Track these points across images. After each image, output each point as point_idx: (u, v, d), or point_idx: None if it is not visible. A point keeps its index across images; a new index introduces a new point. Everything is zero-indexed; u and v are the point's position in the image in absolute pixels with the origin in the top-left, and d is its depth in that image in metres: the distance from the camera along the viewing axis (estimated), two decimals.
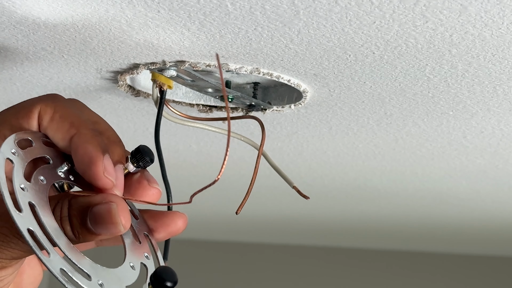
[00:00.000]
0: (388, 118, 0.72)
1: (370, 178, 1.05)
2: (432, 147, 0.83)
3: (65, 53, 0.57)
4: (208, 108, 0.68)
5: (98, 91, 0.67)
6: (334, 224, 1.66)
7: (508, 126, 0.73)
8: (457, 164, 0.91)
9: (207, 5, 0.47)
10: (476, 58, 0.54)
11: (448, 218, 1.42)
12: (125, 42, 0.54)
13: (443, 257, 2.21)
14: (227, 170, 1.12)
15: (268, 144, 0.85)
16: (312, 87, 0.63)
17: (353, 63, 0.57)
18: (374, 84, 0.62)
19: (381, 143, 0.83)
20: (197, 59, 0.57)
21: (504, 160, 0.88)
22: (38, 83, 0.66)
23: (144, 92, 0.65)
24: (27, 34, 0.53)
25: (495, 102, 0.65)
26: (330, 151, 0.88)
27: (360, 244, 2.17)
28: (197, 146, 0.89)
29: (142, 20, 0.50)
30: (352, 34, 0.50)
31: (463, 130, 0.75)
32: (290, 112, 0.70)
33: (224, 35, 0.52)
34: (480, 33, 0.49)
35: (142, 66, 0.59)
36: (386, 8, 0.46)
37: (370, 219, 1.52)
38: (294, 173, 1.01)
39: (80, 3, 0.47)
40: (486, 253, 2.12)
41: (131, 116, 0.76)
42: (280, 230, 1.92)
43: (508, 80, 0.59)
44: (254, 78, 0.64)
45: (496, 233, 1.60)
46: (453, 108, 0.67)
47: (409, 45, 0.52)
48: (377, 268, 2.28)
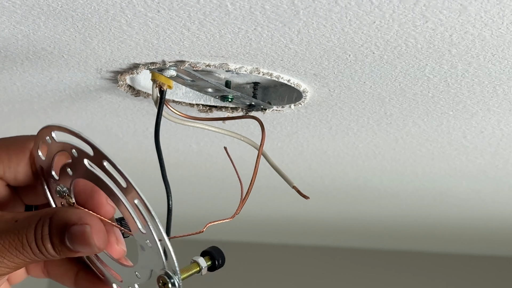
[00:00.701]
0: (388, 118, 0.72)
1: (370, 178, 1.05)
2: (432, 147, 0.83)
3: (65, 53, 0.57)
4: (208, 108, 0.68)
5: (98, 91, 0.67)
6: (334, 224, 1.66)
7: (508, 126, 0.73)
8: (457, 164, 0.91)
9: (207, 5, 0.47)
10: (476, 58, 0.54)
11: (448, 218, 1.42)
12: (125, 42, 0.54)
13: (443, 257, 2.21)
14: (226, 170, 1.13)
15: (268, 144, 0.85)
16: (312, 87, 0.63)
17: (353, 63, 0.57)
18: (374, 84, 0.62)
19: (381, 143, 0.83)
20: (197, 59, 0.57)
21: (504, 160, 0.88)
22: (38, 83, 0.66)
23: (144, 92, 0.65)
24: (27, 34, 0.53)
25: (495, 102, 0.65)
26: (330, 151, 0.88)
27: (360, 244, 2.17)
28: (197, 146, 0.89)
29: (142, 20, 0.50)
30: (352, 34, 0.50)
31: (463, 130, 0.75)
32: (290, 112, 0.70)
33: (224, 35, 0.52)
34: (480, 33, 0.49)
35: (142, 66, 0.59)
36: (386, 8, 0.46)
37: (370, 219, 1.52)
38: (294, 173, 1.01)
39: (80, 3, 0.47)
40: (486, 253, 2.12)
41: (131, 116, 0.76)
42: (279, 230, 1.92)
43: (508, 80, 0.59)
44: (254, 78, 0.64)
45: (496, 233, 1.60)
46: (453, 108, 0.67)
47: (409, 45, 0.52)
48: (377, 268, 2.28)
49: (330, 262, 2.31)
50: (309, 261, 2.32)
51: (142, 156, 0.93)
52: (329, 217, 1.54)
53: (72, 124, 0.81)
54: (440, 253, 2.20)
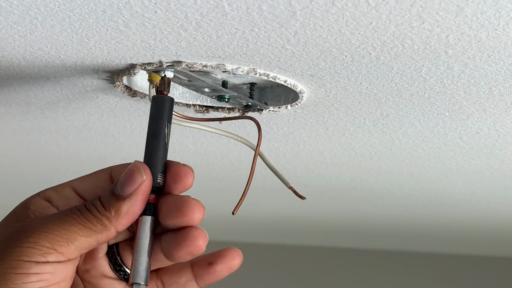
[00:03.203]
0: (384, 118, 0.72)
1: (366, 179, 1.05)
2: (428, 147, 0.83)
3: (62, 53, 0.57)
4: (204, 108, 0.68)
5: (95, 91, 0.67)
6: (330, 224, 1.66)
7: (504, 126, 0.73)
8: (453, 164, 0.92)
9: (204, 5, 0.47)
10: (472, 59, 0.54)
11: (443, 218, 1.42)
12: (122, 43, 0.54)
13: (438, 257, 2.21)
14: (224, 170, 1.13)
15: (265, 145, 0.85)
16: (308, 87, 0.63)
17: (349, 64, 0.57)
18: (370, 85, 0.62)
19: (378, 144, 0.83)
20: (194, 60, 0.57)
21: (500, 160, 0.88)
22: (35, 83, 0.66)
23: (141, 92, 0.65)
24: (24, 34, 0.53)
25: (491, 103, 0.65)
26: (326, 151, 0.88)
27: (356, 244, 2.17)
28: (193, 146, 0.89)
29: (139, 20, 0.50)
30: (348, 35, 0.51)
31: (459, 131, 0.75)
32: (286, 112, 0.70)
33: (221, 35, 0.52)
34: (476, 34, 0.50)
35: (139, 66, 0.59)
36: (382, 9, 0.46)
37: (366, 219, 1.52)
38: (290, 173, 1.01)
39: (77, 3, 0.47)
40: (482, 253, 2.12)
41: (128, 116, 0.76)
42: (276, 230, 1.92)
43: (504, 81, 0.59)
44: (250, 78, 0.64)
45: (492, 234, 1.60)
46: (449, 109, 0.68)
47: (406, 46, 0.52)
48: (373, 268, 2.28)
49: (326, 262, 2.31)
50: (305, 261, 2.32)
51: (138, 157, 0.93)
52: (326, 218, 1.54)
53: (69, 125, 0.81)
54: (435, 253, 2.21)
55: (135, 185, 0.49)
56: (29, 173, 1.15)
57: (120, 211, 0.48)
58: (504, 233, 1.56)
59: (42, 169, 1.10)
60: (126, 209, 0.48)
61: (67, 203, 0.51)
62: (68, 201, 0.51)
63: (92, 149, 0.93)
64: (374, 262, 2.27)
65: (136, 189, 0.49)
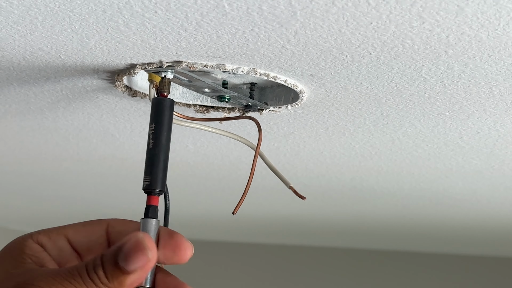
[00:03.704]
0: (384, 118, 0.72)
1: (366, 179, 1.05)
2: (429, 147, 0.83)
3: (62, 53, 0.57)
4: (204, 108, 0.68)
5: (95, 91, 0.67)
6: (330, 224, 1.66)
7: (504, 127, 0.73)
8: (453, 164, 0.92)
9: (204, 5, 0.47)
10: (472, 59, 0.54)
11: (444, 218, 1.42)
12: (122, 43, 0.54)
13: (438, 257, 2.21)
14: (224, 170, 1.13)
15: (265, 145, 0.85)
16: (308, 87, 0.63)
17: (349, 64, 0.57)
18: (370, 85, 0.62)
19: (378, 144, 0.83)
20: (194, 60, 0.57)
21: (500, 160, 0.88)
22: (35, 83, 0.66)
23: (141, 92, 0.65)
24: (24, 34, 0.53)
25: (491, 103, 0.65)
26: (326, 151, 0.88)
27: (356, 244, 2.17)
28: (193, 146, 0.89)
29: (139, 20, 0.50)
30: (349, 35, 0.51)
31: (459, 131, 0.75)
32: (286, 112, 0.70)
33: (221, 35, 0.52)
34: (477, 34, 0.50)
35: (139, 66, 0.59)
36: (383, 9, 0.46)
37: (366, 219, 1.52)
38: (290, 173, 1.01)
39: (77, 3, 0.47)
40: (482, 253, 2.12)
41: (128, 116, 0.76)
42: (276, 230, 1.92)
43: (504, 81, 0.59)
44: (251, 78, 0.64)
45: (492, 233, 1.60)
46: (449, 109, 0.68)
47: (406, 46, 0.52)
48: (373, 268, 2.28)
49: (326, 262, 2.31)
50: (305, 261, 2.32)
51: (138, 156, 0.93)
52: (326, 217, 1.54)
53: (69, 125, 0.81)
54: (435, 253, 2.21)
55: (140, 263, 0.47)
56: (29, 173, 1.15)
57: (124, 284, 0.48)
58: (504, 233, 1.56)
59: (42, 169, 1.10)
60: (130, 282, 0.48)
61: (61, 254, 0.51)
62: (62, 252, 0.51)
63: (92, 149, 0.94)
64: (374, 262, 2.28)
65: (142, 266, 0.48)
